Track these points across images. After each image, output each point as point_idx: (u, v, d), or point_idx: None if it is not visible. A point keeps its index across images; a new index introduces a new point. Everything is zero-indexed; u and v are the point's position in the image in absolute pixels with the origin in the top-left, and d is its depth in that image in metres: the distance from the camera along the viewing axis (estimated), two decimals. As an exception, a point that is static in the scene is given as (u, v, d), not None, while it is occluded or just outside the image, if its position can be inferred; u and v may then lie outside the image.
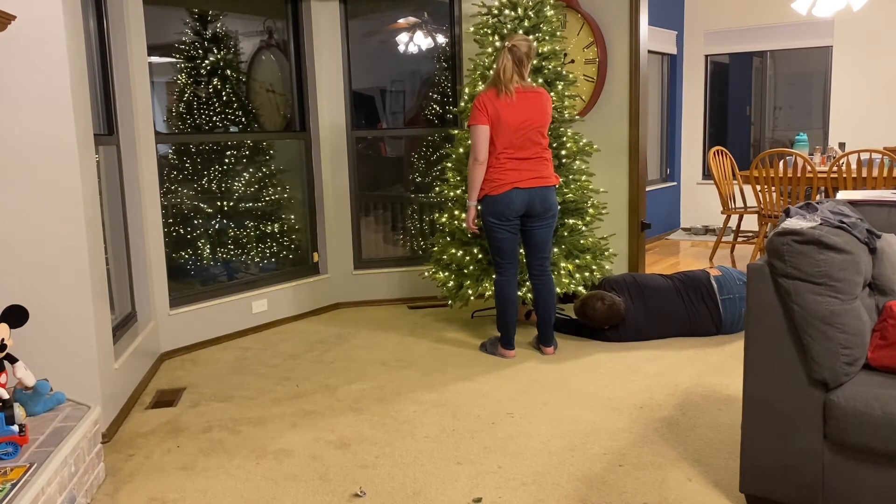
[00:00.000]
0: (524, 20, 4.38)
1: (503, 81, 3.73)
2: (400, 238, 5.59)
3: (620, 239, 5.20)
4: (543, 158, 3.85)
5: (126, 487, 2.72)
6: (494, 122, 3.74)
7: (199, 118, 4.63)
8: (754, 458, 2.33)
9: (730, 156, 6.99)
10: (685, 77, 8.38)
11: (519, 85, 3.76)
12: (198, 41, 4.59)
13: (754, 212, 6.67)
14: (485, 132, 3.75)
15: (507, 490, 2.60)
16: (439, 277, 4.50)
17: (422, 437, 3.05)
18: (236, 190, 4.84)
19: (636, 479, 2.64)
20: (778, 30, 7.82)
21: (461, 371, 3.86)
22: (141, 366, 3.78)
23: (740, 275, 4.36)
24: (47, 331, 2.92)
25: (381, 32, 5.49)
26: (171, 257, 4.43)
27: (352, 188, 5.27)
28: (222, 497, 2.62)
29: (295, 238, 5.19)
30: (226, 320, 4.57)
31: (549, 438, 3.00)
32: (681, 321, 4.28)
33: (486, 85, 3.88)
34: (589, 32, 5.17)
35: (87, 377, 3.01)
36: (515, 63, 3.74)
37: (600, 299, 4.20)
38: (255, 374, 3.93)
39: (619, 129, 5.19)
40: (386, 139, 5.58)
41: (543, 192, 3.82)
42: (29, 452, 2.38)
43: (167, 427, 3.26)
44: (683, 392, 3.46)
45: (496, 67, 3.78)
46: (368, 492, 2.61)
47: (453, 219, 4.46)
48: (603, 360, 3.95)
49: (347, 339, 4.52)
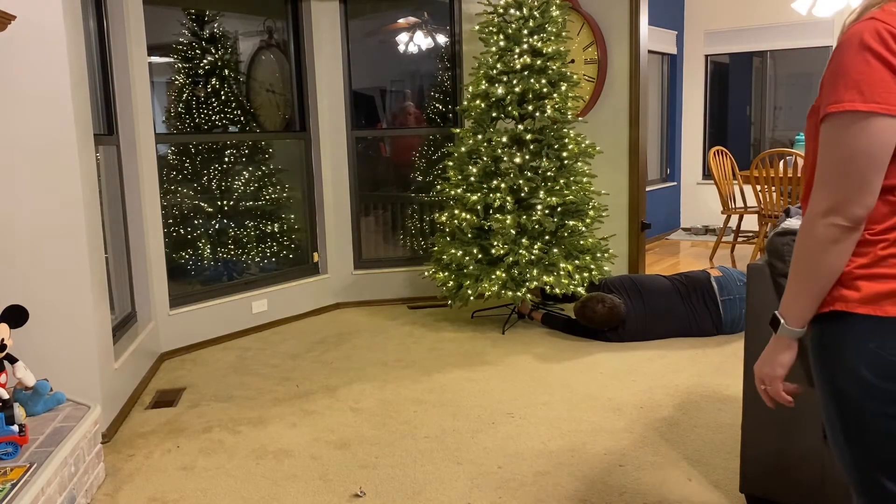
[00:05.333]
0: (529, 20, 4.39)
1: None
2: (400, 238, 5.59)
3: (620, 239, 5.20)
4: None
5: (126, 487, 2.72)
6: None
7: (198, 118, 4.63)
8: (754, 458, 2.33)
9: (730, 156, 6.99)
10: (685, 77, 8.38)
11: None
12: (197, 41, 4.59)
13: (754, 212, 6.66)
14: (888, 130, 1.22)
15: (507, 490, 2.60)
16: (439, 277, 4.50)
17: (422, 437, 3.05)
18: (236, 190, 4.83)
19: (636, 480, 2.64)
20: (778, 30, 7.82)
21: (461, 371, 3.86)
22: (141, 366, 3.78)
23: (741, 275, 4.36)
24: (47, 331, 2.92)
25: (381, 32, 5.48)
26: (171, 257, 4.43)
27: (352, 188, 5.27)
28: (222, 497, 2.62)
29: (295, 238, 5.19)
30: (226, 320, 4.57)
31: (549, 438, 3.00)
32: (681, 322, 4.28)
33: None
34: (589, 32, 5.17)
35: (87, 377, 3.01)
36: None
37: (601, 301, 4.20)
38: (255, 374, 3.93)
39: (620, 129, 5.19)
40: (386, 139, 5.58)
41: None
42: (29, 452, 2.38)
43: (167, 427, 3.26)
44: (683, 392, 3.46)
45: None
46: (368, 492, 2.61)
47: (453, 218, 4.46)
48: (603, 361, 3.95)
49: (347, 339, 4.52)
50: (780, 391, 1.43)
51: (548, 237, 4.35)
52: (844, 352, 1.29)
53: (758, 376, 1.45)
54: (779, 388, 1.43)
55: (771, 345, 1.41)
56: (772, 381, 1.43)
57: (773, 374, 1.42)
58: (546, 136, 4.41)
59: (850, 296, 1.28)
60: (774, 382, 1.43)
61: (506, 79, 4.42)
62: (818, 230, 1.27)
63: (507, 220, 4.25)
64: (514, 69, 4.40)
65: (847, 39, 1.24)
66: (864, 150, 1.22)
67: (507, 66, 4.40)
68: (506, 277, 4.24)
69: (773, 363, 1.41)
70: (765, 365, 1.43)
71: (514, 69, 4.39)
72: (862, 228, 1.26)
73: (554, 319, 4.58)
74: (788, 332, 1.37)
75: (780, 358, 1.40)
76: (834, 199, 1.24)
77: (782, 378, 1.42)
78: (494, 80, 4.43)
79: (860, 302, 1.27)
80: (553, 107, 4.41)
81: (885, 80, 1.20)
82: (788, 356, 1.40)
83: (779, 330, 1.38)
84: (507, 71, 4.42)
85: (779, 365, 1.41)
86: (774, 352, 1.41)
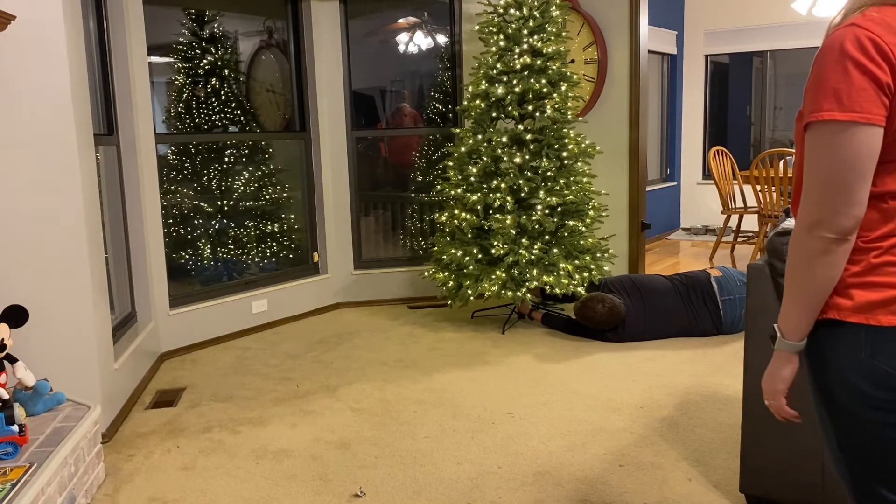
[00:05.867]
0: (529, 20, 4.39)
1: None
2: (400, 238, 5.59)
3: (620, 239, 5.20)
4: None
5: (126, 487, 2.72)
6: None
7: (198, 118, 4.63)
8: (754, 458, 2.33)
9: (730, 156, 6.99)
10: (685, 77, 8.38)
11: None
12: (197, 41, 4.59)
13: (754, 212, 6.66)
14: (869, 139, 1.21)
15: (507, 490, 2.59)
16: (439, 277, 4.50)
17: (422, 437, 3.05)
18: (236, 190, 4.83)
19: (636, 479, 2.64)
20: (778, 30, 7.81)
21: (461, 371, 3.86)
22: (141, 366, 3.78)
23: (741, 275, 4.36)
24: (47, 331, 2.92)
25: (381, 32, 5.48)
26: (171, 257, 4.43)
27: (352, 188, 5.27)
28: (222, 497, 2.62)
29: (295, 238, 5.19)
30: (226, 320, 4.57)
31: (549, 438, 3.00)
32: (681, 322, 4.28)
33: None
34: (589, 32, 5.17)
35: (87, 377, 3.01)
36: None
37: (601, 301, 4.20)
38: (255, 374, 3.93)
39: (619, 129, 5.19)
40: (386, 138, 5.58)
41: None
42: (29, 452, 2.38)
43: (167, 427, 3.26)
44: (683, 392, 3.46)
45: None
46: (368, 492, 2.61)
47: (453, 218, 4.46)
48: (603, 360, 3.95)
49: (347, 339, 4.52)
50: (784, 406, 1.40)
51: (548, 237, 4.35)
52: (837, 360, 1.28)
53: (764, 391, 1.42)
54: (782, 403, 1.39)
55: (773, 360, 1.38)
56: (774, 395, 1.39)
57: (776, 390, 1.38)
58: (546, 136, 4.41)
59: (843, 304, 1.27)
60: (777, 397, 1.39)
61: (506, 79, 4.42)
62: (806, 243, 1.25)
63: (507, 220, 4.25)
64: (514, 69, 4.40)
65: (827, 46, 1.22)
66: (846, 160, 1.19)
67: (507, 66, 4.40)
68: (506, 277, 4.24)
69: (775, 378, 1.38)
70: (768, 380, 1.40)
71: (514, 69, 4.40)
72: (853, 238, 1.24)
73: (554, 319, 4.59)
74: (787, 346, 1.34)
75: (781, 372, 1.36)
76: (819, 212, 1.23)
77: (784, 393, 1.38)
78: (494, 80, 4.43)
79: (853, 311, 1.25)
80: (553, 107, 4.41)
81: (865, 89, 1.18)
82: (789, 370, 1.36)
83: (777, 344, 1.35)
84: (507, 71, 4.42)
85: (780, 380, 1.37)
86: (776, 367, 1.38)
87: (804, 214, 1.25)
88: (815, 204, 1.23)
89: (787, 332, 1.33)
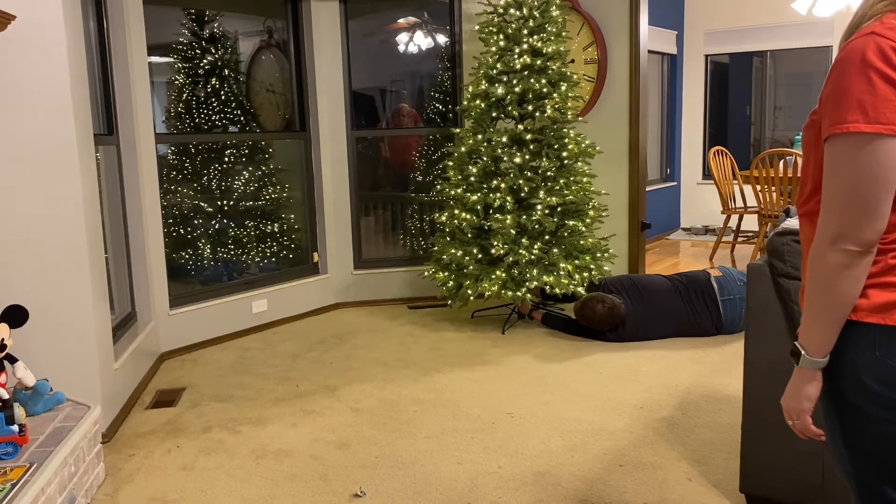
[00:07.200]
0: (529, 20, 4.39)
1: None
2: (400, 238, 5.59)
3: (620, 239, 5.20)
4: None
5: (126, 487, 2.72)
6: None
7: (198, 118, 4.63)
8: (754, 458, 2.33)
9: (730, 156, 6.99)
10: (685, 77, 8.38)
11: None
12: (197, 41, 4.59)
13: (754, 212, 6.66)
14: (894, 150, 1.18)
15: (507, 490, 2.59)
16: (439, 277, 4.50)
17: (422, 437, 3.05)
18: (236, 190, 4.83)
19: (636, 479, 2.64)
20: (778, 30, 7.82)
21: (461, 371, 3.86)
22: (141, 366, 3.78)
23: (741, 275, 4.36)
24: (47, 331, 2.92)
25: (381, 32, 5.49)
26: (171, 257, 4.43)
27: (352, 188, 5.27)
28: (222, 497, 2.62)
29: (295, 238, 5.19)
30: (226, 320, 4.57)
31: (549, 438, 3.00)
32: (681, 322, 4.28)
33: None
34: (589, 32, 5.17)
35: (87, 377, 3.01)
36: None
37: (601, 301, 4.20)
38: (255, 374, 3.93)
39: (619, 129, 5.19)
40: (386, 138, 5.58)
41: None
42: (29, 452, 2.38)
43: (167, 427, 3.26)
44: (683, 392, 3.46)
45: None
46: (368, 492, 2.61)
47: (453, 218, 4.46)
48: (603, 361, 3.95)
49: (347, 339, 4.52)
50: (810, 425, 1.35)
51: (548, 237, 4.35)
52: (849, 359, 1.27)
53: (785, 410, 1.37)
54: (808, 422, 1.35)
55: (794, 377, 1.34)
56: (799, 414, 1.35)
57: (801, 408, 1.34)
58: (546, 136, 4.41)
59: (860, 304, 1.25)
60: (803, 416, 1.35)
61: (506, 79, 4.42)
62: (829, 257, 1.22)
63: (507, 220, 4.25)
64: (514, 69, 4.40)
65: (847, 55, 1.19)
66: (871, 174, 1.17)
67: (507, 66, 4.40)
68: (506, 277, 4.24)
69: (799, 397, 1.33)
70: (791, 399, 1.35)
71: (514, 69, 4.40)
72: (875, 250, 1.22)
73: (554, 319, 4.58)
74: (810, 363, 1.29)
75: (806, 391, 1.32)
76: (842, 226, 1.20)
77: (810, 411, 1.34)
78: (494, 80, 4.43)
79: (870, 311, 1.24)
80: (553, 107, 4.41)
81: (890, 100, 1.15)
82: (814, 388, 1.31)
83: (800, 362, 1.31)
84: (507, 71, 4.42)
85: (805, 398, 1.33)
86: (799, 385, 1.33)
87: (826, 228, 1.22)
88: (837, 217, 1.21)
89: (811, 350, 1.29)
